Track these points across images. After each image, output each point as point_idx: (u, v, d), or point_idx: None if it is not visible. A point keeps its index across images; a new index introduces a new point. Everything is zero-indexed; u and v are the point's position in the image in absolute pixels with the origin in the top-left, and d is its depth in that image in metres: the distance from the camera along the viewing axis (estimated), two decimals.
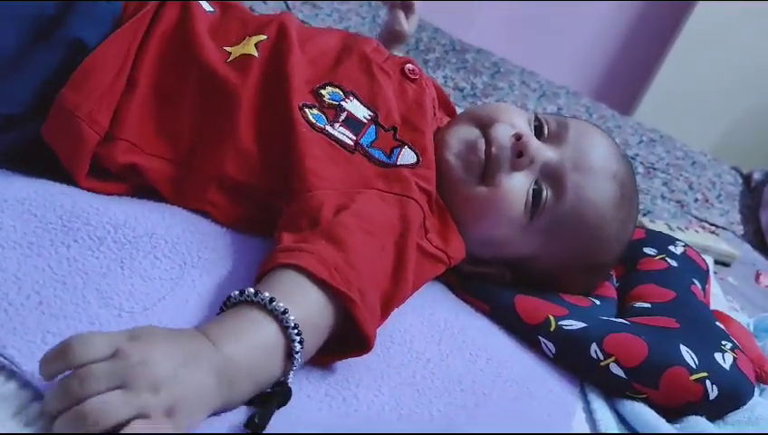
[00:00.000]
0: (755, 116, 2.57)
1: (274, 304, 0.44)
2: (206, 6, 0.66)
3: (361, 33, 1.65)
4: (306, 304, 0.46)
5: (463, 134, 0.65)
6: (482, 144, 0.64)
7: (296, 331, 0.44)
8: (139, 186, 0.60)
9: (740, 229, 1.45)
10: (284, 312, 0.44)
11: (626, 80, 2.79)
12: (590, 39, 2.84)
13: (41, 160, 0.58)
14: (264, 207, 0.59)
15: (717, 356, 0.62)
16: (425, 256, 0.58)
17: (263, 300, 0.44)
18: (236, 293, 0.45)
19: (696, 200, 1.49)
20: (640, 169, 1.52)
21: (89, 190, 0.57)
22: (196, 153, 0.59)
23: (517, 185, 0.63)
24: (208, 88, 0.59)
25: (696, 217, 1.40)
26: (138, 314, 0.47)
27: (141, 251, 0.52)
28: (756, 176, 1.71)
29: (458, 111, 1.44)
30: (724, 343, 0.64)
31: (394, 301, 0.52)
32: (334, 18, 1.60)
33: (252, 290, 0.45)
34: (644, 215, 1.29)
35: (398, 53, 0.86)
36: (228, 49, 0.62)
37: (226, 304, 0.46)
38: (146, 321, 0.47)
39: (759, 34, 2.54)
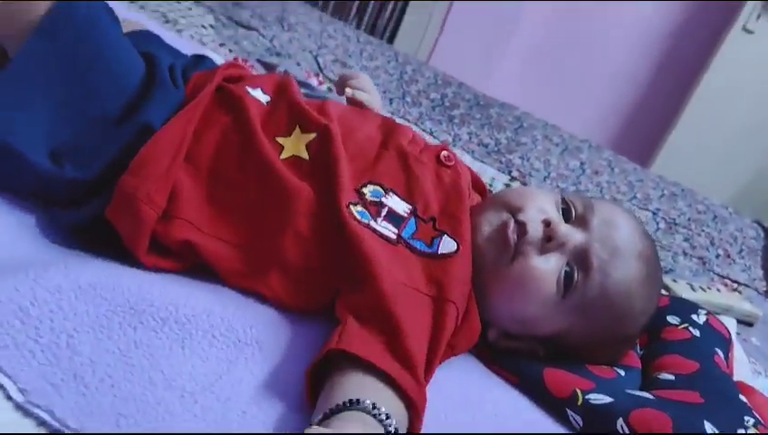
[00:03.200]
0: None
1: (389, 420, 0.49)
2: (262, 97, 0.72)
3: (389, 90, 1.72)
4: (396, 415, 0.51)
5: (494, 219, 0.69)
6: (512, 229, 0.68)
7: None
8: (195, 264, 0.64)
9: (763, 286, 1.46)
10: (387, 417, 0.49)
11: (646, 130, 2.83)
12: (610, 88, 2.89)
13: (109, 238, 0.63)
14: (320, 291, 0.63)
15: (740, 433, 0.64)
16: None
17: (378, 414, 0.48)
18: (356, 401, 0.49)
19: (718, 256, 1.51)
20: (662, 225, 1.55)
21: (149, 266, 0.62)
22: (256, 238, 0.63)
23: (549, 267, 0.67)
24: (267, 181, 0.64)
25: (718, 274, 1.42)
26: (198, 395, 0.52)
27: (200, 330, 0.56)
28: None
29: (485, 168, 1.49)
30: (746, 418, 0.66)
31: None
32: None
33: (369, 402, 0.49)
34: (666, 273, 1.31)
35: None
36: (280, 141, 0.68)
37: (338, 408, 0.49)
38: (206, 401, 0.51)
39: None
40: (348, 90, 0.85)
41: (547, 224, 0.67)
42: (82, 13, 0.65)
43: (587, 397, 0.66)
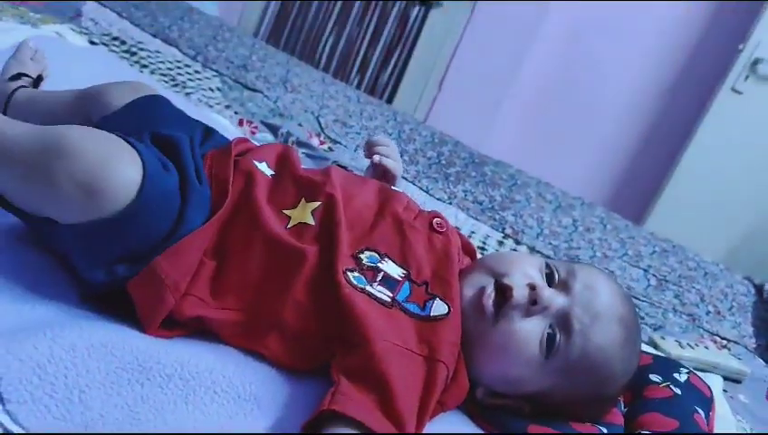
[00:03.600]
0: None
1: None
2: (267, 170, 0.77)
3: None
4: None
5: (478, 283, 0.73)
6: (488, 295, 0.72)
7: None
8: (199, 329, 0.68)
9: (752, 343, 1.49)
10: None
11: (639, 186, 2.89)
12: (603, 149, 2.96)
13: (119, 299, 0.67)
14: (316, 354, 0.66)
15: None
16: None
17: None
18: None
19: (708, 313, 1.54)
20: (653, 282, 1.58)
21: (156, 337, 0.65)
22: (258, 303, 0.67)
23: (532, 329, 0.71)
24: (273, 252, 0.69)
25: (707, 331, 1.45)
26: None
27: (203, 386, 0.60)
28: None
29: (479, 225, 1.53)
30: None
31: None
32: (363, 136, 1.73)
33: None
34: (655, 330, 1.34)
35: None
36: (287, 213, 0.73)
37: None
38: None
39: None
40: (375, 156, 0.91)
41: (532, 288, 0.72)
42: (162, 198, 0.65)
43: None
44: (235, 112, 1.49)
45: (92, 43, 1.48)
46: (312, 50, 3.11)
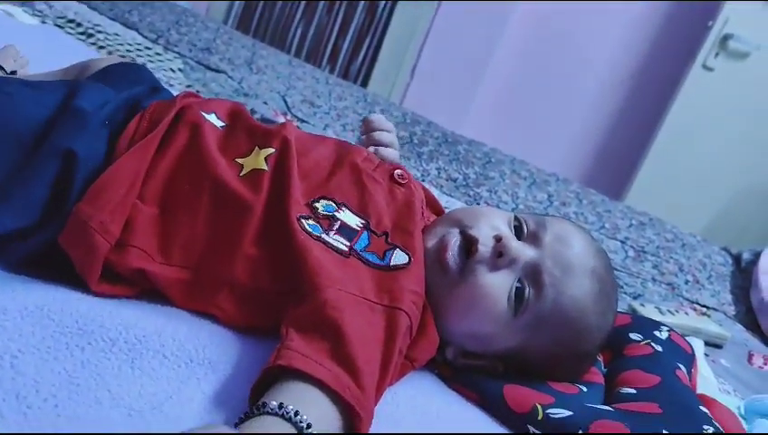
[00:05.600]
0: (743, 197, 2.64)
1: (298, 417, 0.48)
2: (216, 121, 0.72)
3: (357, 128, 1.74)
4: (322, 418, 0.50)
5: (443, 236, 0.70)
6: (460, 245, 0.68)
7: None
8: (148, 289, 0.64)
9: (731, 310, 1.48)
10: (308, 426, 0.47)
11: (616, 165, 2.89)
12: (579, 126, 2.96)
13: (60, 265, 0.62)
14: (271, 310, 0.62)
15: None
16: (402, 358, 0.62)
17: (287, 413, 0.48)
18: (262, 405, 0.48)
19: (687, 282, 1.52)
20: (631, 253, 1.56)
21: (100, 295, 0.61)
22: (207, 260, 0.63)
23: (499, 283, 0.67)
24: (223, 201, 0.64)
25: (687, 299, 1.43)
26: (147, 413, 0.51)
27: (151, 350, 0.56)
28: (746, 256, 1.75)
29: (453, 201, 1.50)
30: (705, 427, 0.66)
31: (377, 401, 0.57)
32: (332, 116, 1.69)
33: (275, 404, 0.48)
34: (634, 298, 1.32)
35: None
36: (240, 161, 0.68)
37: (247, 415, 0.49)
38: (154, 420, 0.50)
39: (745, 119, 2.64)
40: (372, 148, 0.82)
41: (498, 239, 0.68)
42: None
43: (547, 411, 0.66)
44: (197, 91, 1.44)
45: (44, 24, 1.42)
46: (282, 40, 3.06)
